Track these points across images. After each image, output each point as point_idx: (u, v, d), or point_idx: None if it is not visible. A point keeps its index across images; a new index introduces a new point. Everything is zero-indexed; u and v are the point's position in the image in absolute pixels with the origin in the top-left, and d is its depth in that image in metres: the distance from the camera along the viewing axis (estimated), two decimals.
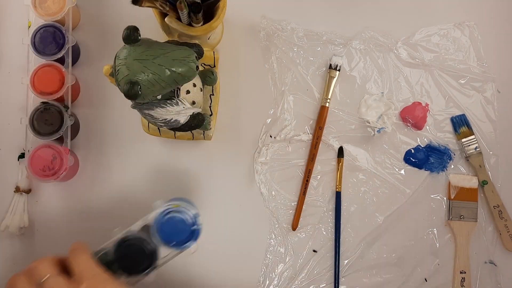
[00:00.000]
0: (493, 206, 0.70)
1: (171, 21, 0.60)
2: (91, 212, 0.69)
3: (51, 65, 0.66)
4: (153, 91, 0.52)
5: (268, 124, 0.71)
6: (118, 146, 0.71)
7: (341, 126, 0.72)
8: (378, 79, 0.73)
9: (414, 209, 0.71)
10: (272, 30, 0.72)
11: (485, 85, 0.73)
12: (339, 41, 0.73)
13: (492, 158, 0.72)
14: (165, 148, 0.71)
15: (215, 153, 0.71)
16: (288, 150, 0.72)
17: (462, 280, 0.69)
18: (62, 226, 0.69)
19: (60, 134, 0.65)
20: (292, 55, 0.73)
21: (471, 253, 0.70)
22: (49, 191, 0.70)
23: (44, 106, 0.66)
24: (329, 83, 0.72)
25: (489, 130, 0.72)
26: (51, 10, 0.67)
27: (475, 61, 0.73)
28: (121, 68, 0.51)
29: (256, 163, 0.70)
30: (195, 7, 0.57)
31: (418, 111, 0.72)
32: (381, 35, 0.73)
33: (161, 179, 0.70)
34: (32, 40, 0.67)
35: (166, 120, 0.57)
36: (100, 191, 0.68)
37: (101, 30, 0.72)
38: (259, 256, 0.69)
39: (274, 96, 0.72)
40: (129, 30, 0.52)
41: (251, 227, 0.70)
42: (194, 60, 0.53)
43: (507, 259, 0.70)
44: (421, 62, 0.73)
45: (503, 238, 0.70)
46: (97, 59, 0.72)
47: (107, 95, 0.71)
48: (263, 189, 0.70)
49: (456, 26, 0.74)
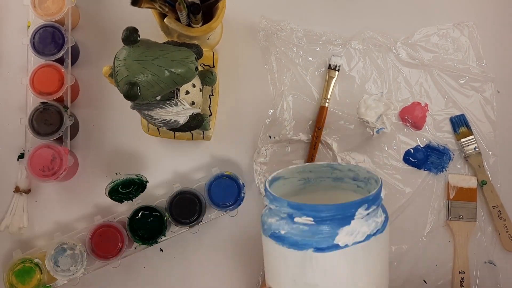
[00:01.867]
0: (492, 206, 0.70)
1: (170, 22, 0.60)
2: (90, 212, 0.69)
3: (51, 65, 0.66)
4: (152, 92, 0.52)
5: (267, 124, 0.71)
6: (117, 146, 0.71)
7: (340, 126, 0.72)
8: (378, 79, 0.73)
9: (413, 209, 0.71)
10: (272, 31, 0.73)
11: (485, 85, 0.73)
12: (338, 41, 0.73)
13: (491, 158, 0.72)
14: (164, 148, 0.71)
15: (215, 153, 0.71)
16: (287, 150, 0.72)
17: (461, 280, 0.69)
18: (61, 226, 0.69)
19: (60, 134, 0.65)
20: (291, 55, 0.73)
21: (470, 253, 0.70)
22: (48, 191, 0.70)
23: (44, 106, 0.66)
24: (328, 83, 0.72)
25: (488, 130, 0.72)
26: (50, 10, 0.67)
27: (474, 61, 0.73)
28: (121, 69, 0.51)
29: (255, 164, 0.70)
30: (194, 8, 0.57)
31: (417, 111, 0.72)
32: (381, 35, 0.73)
33: (160, 179, 0.70)
34: (31, 40, 0.67)
35: (165, 121, 0.57)
36: (100, 191, 0.68)
37: (100, 30, 0.72)
38: (259, 256, 0.69)
39: (273, 96, 0.72)
40: (129, 31, 0.52)
41: (250, 227, 0.70)
42: (193, 61, 0.53)
43: (506, 259, 0.70)
44: (420, 62, 0.73)
45: (502, 238, 0.70)
46: (96, 59, 0.72)
47: (107, 96, 0.71)
48: (262, 190, 0.70)
49: (455, 26, 0.74)
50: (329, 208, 0.45)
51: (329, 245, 0.45)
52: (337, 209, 0.45)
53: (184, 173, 0.70)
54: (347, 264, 0.46)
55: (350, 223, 0.45)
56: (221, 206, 0.66)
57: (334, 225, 0.45)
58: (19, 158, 0.69)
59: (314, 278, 0.46)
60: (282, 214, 0.47)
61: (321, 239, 0.45)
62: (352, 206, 0.45)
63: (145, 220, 0.65)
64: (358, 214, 0.46)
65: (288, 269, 0.47)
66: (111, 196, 0.64)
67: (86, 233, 0.65)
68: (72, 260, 0.64)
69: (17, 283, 0.63)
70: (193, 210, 0.66)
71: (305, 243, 0.45)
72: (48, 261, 0.63)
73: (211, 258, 0.70)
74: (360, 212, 0.46)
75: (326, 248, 0.45)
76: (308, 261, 0.45)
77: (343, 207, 0.46)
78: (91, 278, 0.67)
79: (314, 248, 0.45)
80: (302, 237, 0.45)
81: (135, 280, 0.69)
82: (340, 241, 0.45)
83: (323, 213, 0.45)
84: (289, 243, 0.46)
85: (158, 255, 0.69)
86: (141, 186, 0.66)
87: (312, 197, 0.60)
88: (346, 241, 0.45)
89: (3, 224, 0.68)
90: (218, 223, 0.69)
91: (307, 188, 0.61)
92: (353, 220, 0.45)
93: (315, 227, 0.46)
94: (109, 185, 0.64)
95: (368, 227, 0.46)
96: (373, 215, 0.48)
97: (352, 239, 0.45)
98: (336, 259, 0.45)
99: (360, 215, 0.46)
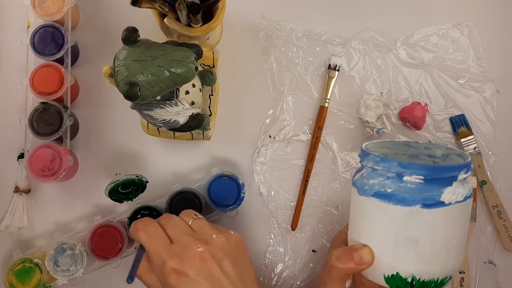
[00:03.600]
0: (492, 206, 0.70)
1: (170, 22, 0.60)
2: (90, 212, 0.69)
3: (50, 65, 0.66)
4: (152, 92, 0.52)
5: (267, 124, 0.71)
6: (117, 146, 0.71)
7: (340, 126, 0.72)
8: (377, 79, 0.73)
9: None
10: (271, 30, 0.73)
11: (484, 85, 0.73)
12: (338, 41, 0.73)
13: (491, 158, 0.72)
14: (164, 148, 0.71)
15: (215, 153, 0.71)
16: (287, 150, 0.72)
17: (461, 280, 0.69)
18: (61, 226, 0.69)
19: (60, 134, 0.65)
20: (291, 55, 0.73)
21: (470, 253, 0.70)
22: (48, 191, 0.70)
23: (44, 106, 0.66)
24: (328, 83, 0.72)
25: (488, 130, 0.72)
26: (50, 10, 0.67)
27: (474, 61, 0.73)
28: (121, 69, 0.51)
29: (255, 163, 0.70)
30: (194, 8, 0.57)
31: (417, 111, 0.71)
32: (380, 35, 0.73)
33: (160, 179, 0.70)
34: (31, 40, 0.67)
35: (165, 121, 0.57)
36: (100, 191, 0.68)
37: (100, 30, 0.72)
38: (259, 256, 0.70)
39: (273, 96, 0.72)
40: (128, 31, 0.52)
41: (250, 227, 0.70)
42: (193, 61, 0.53)
43: (506, 259, 0.70)
44: (420, 62, 0.73)
45: (502, 238, 0.70)
46: (96, 59, 0.72)
47: (107, 95, 0.71)
48: (262, 189, 0.70)
49: (455, 26, 0.74)
50: (438, 168, 0.50)
51: (435, 202, 0.49)
52: (444, 170, 0.50)
53: (184, 173, 0.70)
54: (447, 221, 0.50)
55: (452, 184, 0.50)
56: (221, 206, 0.66)
57: (440, 185, 0.50)
58: (19, 158, 0.69)
59: (416, 232, 0.49)
60: (389, 174, 0.51)
61: (428, 196, 0.49)
62: (456, 169, 0.50)
63: None
64: (459, 177, 0.50)
65: (390, 225, 0.50)
66: (111, 197, 0.64)
67: (86, 233, 0.65)
68: (72, 260, 0.64)
69: (17, 283, 0.63)
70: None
71: (413, 200, 0.49)
72: (48, 261, 0.63)
73: None
74: (462, 175, 0.50)
75: (432, 204, 0.49)
76: (413, 217, 0.49)
77: (449, 168, 0.50)
78: (91, 278, 0.67)
79: (422, 204, 0.49)
80: (411, 194, 0.49)
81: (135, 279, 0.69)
82: (445, 199, 0.49)
83: (433, 173, 0.49)
84: (396, 199, 0.50)
85: None
86: (141, 186, 0.66)
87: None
88: (450, 199, 0.49)
89: (3, 224, 0.68)
90: (218, 223, 0.69)
91: None
92: (454, 182, 0.50)
93: (424, 186, 0.50)
94: (109, 186, 0.64)
95: (464, 189, 0.51)
96: (466, 181, 0.52)
97: (454, 198, 0.49)
98: (439, 216, 0.49)
99: (461, 177, 0.50)
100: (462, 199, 0.50)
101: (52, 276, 0.64)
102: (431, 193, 0.49)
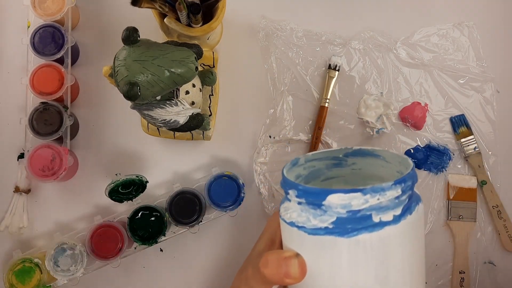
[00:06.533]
0: (492, 206, 0.70)
1: (170, 22, 0.60)
2: (90, 212, 0.69)
3: (51, 65, 0.66)
4: (152, 92, 0.52)
5: (267, 124, 0.71)
6: (117, 146, 0.71)
7: (340, 126, 0.72)
8: (377, 79, 0.73)
9: None
10: (271, 30, 0.72)
11: (484, 85, 0.73)
12: (338, 41, 0.73)
13: (491, 158, 0.72)
14: (164, 148, 0.71)
15: (215, 154, 0.71)
16: (287, 150, 0.72)
17: (461, 280, 0.69)
18: (61, 226, 0.69)
19: (60, 134, 0.65)
20: (291, 55, 0.73)
21: (470, 253, 0.70)
22: (48, 191, 0.70)
23: (44, 106, 0.66)
24: (328, 83, 0.72)
25: (488, 130, 0.72)
26: (50, 10, 0.67)
27: (474, 61, 0.73)
28: (121, 69, 0.51)
29: (255, 164, 0.70)
30: (194, 8, 0.57)
31: (417, 111, 0.72)
32: (380, 35, 0.73)
33: (160, 179, 0.70)
34: (31, 40, 0.67)
35: (165, 121, 0.57)
36: (100, 191, 0.68)
37: (100, 30, 0.72)
38: None
39: (273, 96, 0.72)
40: (129, 31, 0.52)
41: (250, 227, 0.70)
42: (194, 61, 0.53)
43: (506, 259, 0.70)
44: (420, 62, 0.73)
45: (502, 238, 0.70)
46: (96, 59, 0.72)
47: (107, 95, 0.71)
48: (262, 190, 0.70)
49: (455, 26, 0.74)
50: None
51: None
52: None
53: (184, 173, 0.70)
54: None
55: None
56: (221, 206, 0.66)
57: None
58: (19, 158, 0.69)
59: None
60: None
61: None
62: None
63: (145, 220, 0.65)
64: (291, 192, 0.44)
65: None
66: (111, 197, 0.64)
67: (86, 233, 0.65)
68: (72, 260, 0.64)
69: (17, 283, 0.63)
70: (193, 210, 0.66)
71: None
72: (48, 261, 0.63)
73: (211, 258, 0.70)
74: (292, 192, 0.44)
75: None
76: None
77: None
78: (91, 278, 0.67)
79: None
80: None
81: (135, 280, 0.69)
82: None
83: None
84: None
85: (158, 255, 0.69)
86: (141, 186, 0.66)
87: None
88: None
89: (3, 224, 0.68)
90: (218, 223, 0.69)
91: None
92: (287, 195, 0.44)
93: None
94: (109, 186, 0.64)
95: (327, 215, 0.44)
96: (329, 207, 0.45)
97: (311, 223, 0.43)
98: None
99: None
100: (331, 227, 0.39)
101: (52, 276, 0.64)
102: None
